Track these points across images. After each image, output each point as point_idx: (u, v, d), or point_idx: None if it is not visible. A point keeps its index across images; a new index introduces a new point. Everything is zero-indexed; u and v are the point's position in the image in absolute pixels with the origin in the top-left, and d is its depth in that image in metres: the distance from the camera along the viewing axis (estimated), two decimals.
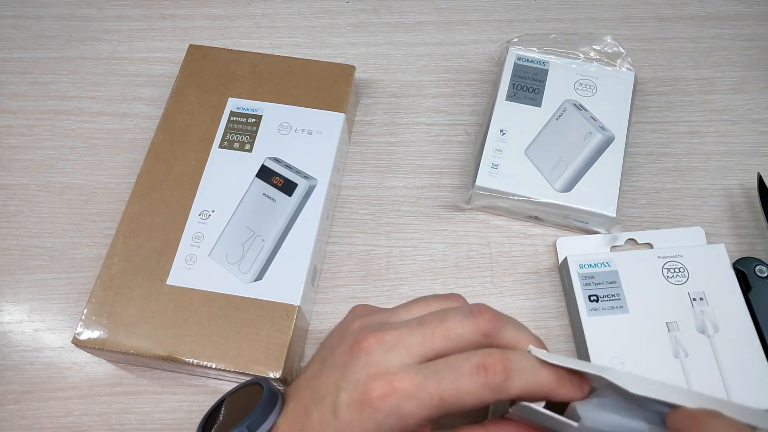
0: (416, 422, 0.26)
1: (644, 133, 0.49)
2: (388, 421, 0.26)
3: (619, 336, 0.38)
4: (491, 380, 0.25)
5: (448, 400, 0.25)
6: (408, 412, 0.26)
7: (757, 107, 0.50)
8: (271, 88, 0.46)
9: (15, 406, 0.40)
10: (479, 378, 0.25)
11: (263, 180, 0.42)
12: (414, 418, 0.26)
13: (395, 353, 0.27)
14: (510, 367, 0.26)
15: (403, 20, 0.55)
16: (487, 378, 0.25)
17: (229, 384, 0.40)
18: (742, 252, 0.44)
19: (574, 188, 0.43)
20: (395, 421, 0.26)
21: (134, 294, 0.39)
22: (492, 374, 0.25)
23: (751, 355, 0.37)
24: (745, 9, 0.54)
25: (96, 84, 0.52)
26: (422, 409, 0.26)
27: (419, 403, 0.26)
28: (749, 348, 0.37)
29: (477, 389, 0.25)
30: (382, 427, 0.26)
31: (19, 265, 0.44)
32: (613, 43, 0.48)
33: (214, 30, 0.54)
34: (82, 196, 0.47)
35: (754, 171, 0.46)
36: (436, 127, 0.49)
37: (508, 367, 0.26)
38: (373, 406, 0.26)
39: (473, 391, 0.25)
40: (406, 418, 0.26)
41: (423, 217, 0.46)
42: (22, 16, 0.56)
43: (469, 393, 0.25)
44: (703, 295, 0.39)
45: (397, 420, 0.26)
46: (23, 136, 0.50)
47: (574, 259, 0.41)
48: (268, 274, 0.39)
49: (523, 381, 0.26)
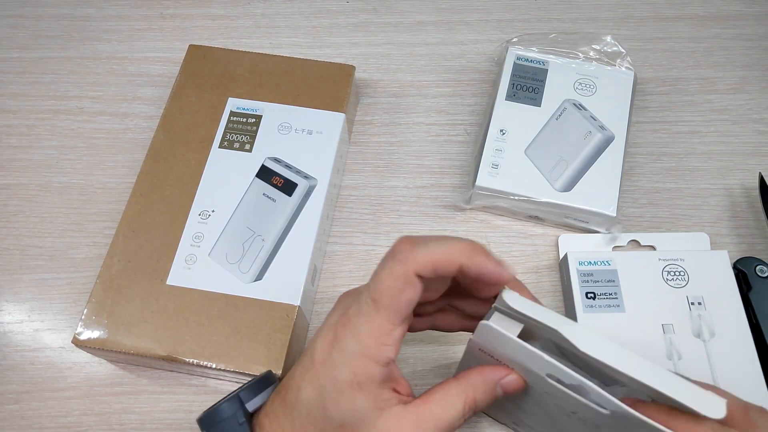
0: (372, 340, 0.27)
1: (644, 133, 0.49)
2: (352, 347, 0.27)
3: (613, 334, 0.38)
4: (398, 255, 0.26)
5: (377, 297, 0.27)
6: (359, 328, 0.27)
7: (757, 107, 0.50)
8: (271, 88, 0.46)
9: (15, 406, 0.40)
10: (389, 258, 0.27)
11: (263, 180, 0.42)
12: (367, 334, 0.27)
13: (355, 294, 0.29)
14: (416, 240, 0.27)
15: (403, 20, 0.55)
16: (394, 254, 0.27)
17: (229, 384, 0.40)
18: (743, 252, 0.44)
19: (574, 188, 0.43)
20: (357, 346, 0.27)
21: (134, 294, 0.39)
22: (398, 249, 0.27)
23: (745, 363, 0.37)
24: (746, 9, 0.54)
25: (96, 84, 0.52)
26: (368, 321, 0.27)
27: (363, 315, 0.27)
28: (744, 356, 0.37)
29: (390, 268, 0.26)
30: (347, 355, 0.27)
31: (19, 265, 0.44)
32: (612, 43, 0.48)
33: (214, 30, 0.54)
34: (82, 196, 0.47)
35: (755, 171, 0.46)
36: (436, 127, 0.49)
37: (414, 240, 0.27)
38: (338, 338, 0.27)
39: (387, 271, 0.26)
40: (362, 337, 0.27)
41: (423, 217, 0.46)
42: (22, 15, 0.56)
43: (385, 276, 0.26)
44: (701, 299, 0.39)
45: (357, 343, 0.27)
46: (23, 136, 0.50)
47: (574, 255, 0.41)
48: (268, 274, 0.39)
49: (430, 246, 0.26)
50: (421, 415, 0.27)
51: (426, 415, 0.27)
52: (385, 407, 0.27)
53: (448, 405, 0.28)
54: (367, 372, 0.27)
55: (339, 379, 0.27)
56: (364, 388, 0.27)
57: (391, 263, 0.27)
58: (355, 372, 0.27)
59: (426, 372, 0.40)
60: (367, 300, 0.27)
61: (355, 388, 0.27)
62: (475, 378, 0.28)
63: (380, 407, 0.27)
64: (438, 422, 0.27)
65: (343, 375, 0.27)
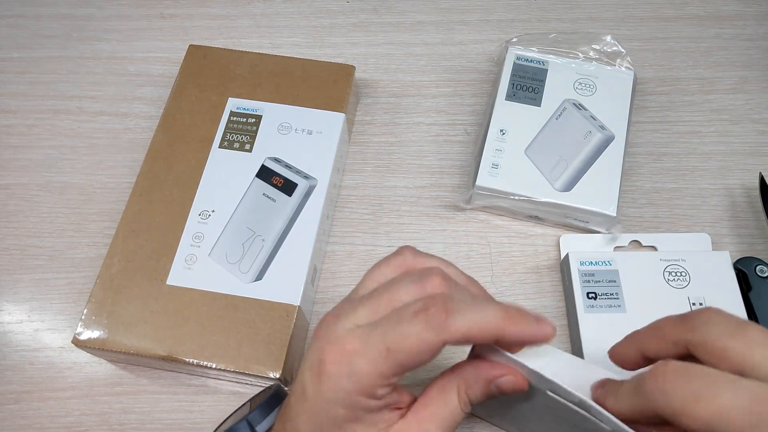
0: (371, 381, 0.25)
1: (644, 133, 0.49)
2: (346, 386, 0.25)
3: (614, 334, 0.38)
4: (432, 320, 0.25)
5: (394, 348, 0.25)
6: (359, 369, 0.25)
7: (757, 107, 0.50)
8: (271, 88, 0.46)
9: (15, 406, 0.40)
10: (420, 320, 0.25)
11: (263, 180, 0.42)
12: (367, 376, 0.25)
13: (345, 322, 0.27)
14: (451, 306, 0.25)
15: (403, 20, 0.55)
16: (428, 318, 0.25)
17: (229, 384, 0.40)
18: (743, 252, 0.44)
19: (574, 188, 0.43)
20: (352, 385, 0.25)
21: (134, 294, 0.39)
22: (432, 314, 0.25)
23: None
24: (745, 9, 0.54)
25: (96, 84, 0.52)
26: (372, 364, 0.25)
27: (368, 358, 0.25)
28: None
29: (419, 332, 0.25)
30: (341, 394, 0.26)
31: (19, 265, 0.44)
32: (612, 43, 0.48)
33: (214, 30, 0.54)
34: (82, 196, 0.47)
35: (755, 171, 0.46)
36: (436, 127, 0.49)
37: (449, 306, 0.25)
38: (328, 373, 0.26)
39: (415, 333, 0.25)
40: (360, 377, 0.25)
41: (423, 217, 0.46)
42: (22, 15, 0.55)
43: (412, 336, 0.25)
44: (703, 300, 0.39)
45: (353, 382, 0.25)
46: (23, 136, 0.50)
47: (576, 255, 0.41)
48: (268, 274, 0.39)
49: (467, 317, 0.25)
50: (422, 421, 0.27)
51: (427, 419, 0.27)
52: (386, 428, 0.27)
53: (446, 402, 0.27)
54: (364, 407, 0.26)
55: (336, 417, 0.26)
56: (362, 420, 0.26)
57: (422, 325, 0.25)
58: (352, 409, 0.26)
59: (426, 374, 0.40)
60: (379, 345, 0.25)
61: (353, 421, 0.26)
62: (468, 371, 0.28)
63: (381, 429, 0.27)
64: (441, 421, 0.27)
65: (338, 413, 0.26)
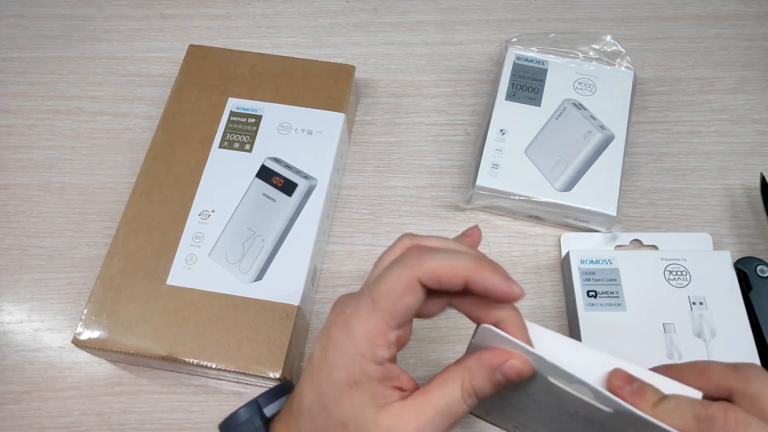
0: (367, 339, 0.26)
1: (644, 133, 0.49)
2: (345, 347, 0.27)
3: (613, 332, 0.38)
4: (406, 261, 0.26)
5: (377, 297, 0.26)
6: (355, 328, 0.27)
7: (757, 107, 0.50)
8: (271, 88, 0.46)
9: (15, 406, 0.40)
10: (396, 264, 0.27)
11: (263, 180, 0.42)
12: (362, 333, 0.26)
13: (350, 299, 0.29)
14: (425, 250, 0.27)
15: (403, 20, 0.55)
16: (403, 261, 0.27)
17: (230, 384, 0.40)
18: (743, 252, 0.44)
19: (574, 187, 0.43)
20: (351, 345, 0.27)
21: (134, 294, 0.39)
22: (406, 256, 0.27)
23: None
24: (746, 9, 0.54)
25: (96, 84, 0.52)
26: (364, 321, 0.27)
27: (360, 315, 0.27)
28: (744, 355, 0.37)
29: (395, 272, 0.26)
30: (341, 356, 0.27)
31: (19, 265, 0.44)
32: (612, 42, 0.48)
33: (214, 30, 0.54)
34: (82, 196, 0.47)
35: (755, 171, 0.46)
36: (436, 127, 0.49)
37: (423, 251, 0.27)
38: (331, 338, 0.27)
39: (392, 275, 0.26)
40: (356, 336, 0.27)
41: (423, 217, 0.46)
42: (22, 15, 0.56)
43: (390, 280, 0.26)
44: (703, 299, 0.39)
45: (351, 342, 0.27)
46: (23, 136, 0.50)
47: (576, 254, 0.41)
48: (268, 274, 0.39)
49: (439, 257, 0.26)
50: (420, 407, 0.27)
51: (425, 407, 0.27)
52: (384, 404, 0.27)
53: (446, 392, 0.28)
54: (362, 371, 0.27)
55: (336, 380, 0.27)
56: (361, 387, 0.27)
57: (398, 267, 0.27)
58: (351, 372, 0.27)
59: (426, 373, 0.40)
60: (367, 299, 0.27)
61: (352, 387, 0.27)
62: (472, 362, 0.28)
63: (380, 404, 0.27)
64: (438, 411, 0.27)
65: (339, 375, 0.27)
